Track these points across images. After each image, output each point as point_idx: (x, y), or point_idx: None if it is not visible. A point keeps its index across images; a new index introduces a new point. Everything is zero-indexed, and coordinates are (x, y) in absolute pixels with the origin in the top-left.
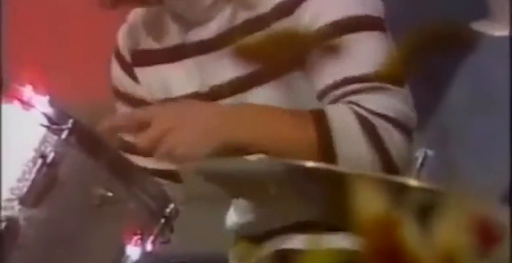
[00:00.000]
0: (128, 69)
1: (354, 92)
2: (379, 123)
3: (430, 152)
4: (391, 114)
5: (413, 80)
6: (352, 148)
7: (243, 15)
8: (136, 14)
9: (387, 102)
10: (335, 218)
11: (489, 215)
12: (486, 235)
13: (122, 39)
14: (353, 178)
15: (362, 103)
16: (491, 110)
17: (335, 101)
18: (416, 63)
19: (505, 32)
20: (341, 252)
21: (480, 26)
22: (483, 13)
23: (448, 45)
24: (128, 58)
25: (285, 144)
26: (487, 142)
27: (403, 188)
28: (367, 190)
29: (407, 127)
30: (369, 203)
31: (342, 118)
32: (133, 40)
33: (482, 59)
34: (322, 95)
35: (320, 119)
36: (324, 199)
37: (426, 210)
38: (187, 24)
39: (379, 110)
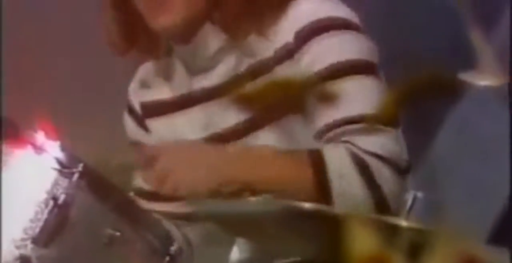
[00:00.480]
0: (139, 120)
1: (350, 133)
2: (372, 162)
3: (419, 194)
4: (384, 153)
5: (403, 124)
6: (347, 187)
7: (247, 61)
8: (144, 69)
9: (380, 142)
10: (331, 257)
11: (476, 254)
12: None
13: (132, 93)
14: (348, 219)
15: (357, 143)
16: (477, 155)
17: (331, 140)
18: (407, 108)
19: (489, 82)
20: None
21: (467, 76)
22: (471, 64)
23: (437, 92)
24: (138, 110)
25: (284, 184)
26: (474, 185)
27: (395, 228)
28: (361, 230)
29: (399, 166)
30: (363, 242)
31: (338, 159)
32: (142, 93)
33: (469, 106)
34: (320, 134)
35: (317, 160)
36: (320, 238)
37: (416, 249)
38: (194, 71)
39: (373, 150)
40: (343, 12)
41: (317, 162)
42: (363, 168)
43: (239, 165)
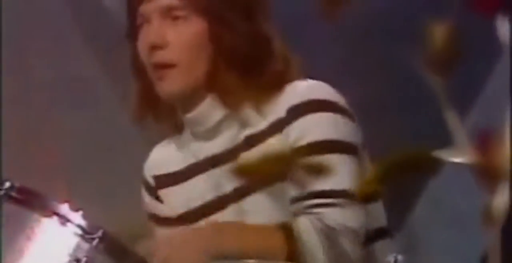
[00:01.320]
0: (153, 193)
1: (317, 206)
2: (339, 233)
3: (400, 257)
4: (348, 224)
5: (386, 196)
6: (313, 253)
7: (244, 133)
8: (158, 149)
9: (343, 215)
10: None
11: None
12: None
13: (146, 169)
14: None
15: (322, 217)
16: (451, 224)
17: (301, 210)
18: (387, 183)
19: (463, 160)
20: None
21: (443, 154)
22: (446, 142)
23: (415, 169)
24: (152, 183)
25: (261, 253)
26: (448, 251)
27: None
28: None
29: (356, 240)
30: None
31: (305, 232)
32: (154, 168)
33: (445, 180)
34: (292, 202)
35: (288, 233)
36: None
37: None
38: (199, 138)
39: (339, 222)
40: (332, 96)
41: (289, 235)
42: (327, 239)
43: (222, 242)
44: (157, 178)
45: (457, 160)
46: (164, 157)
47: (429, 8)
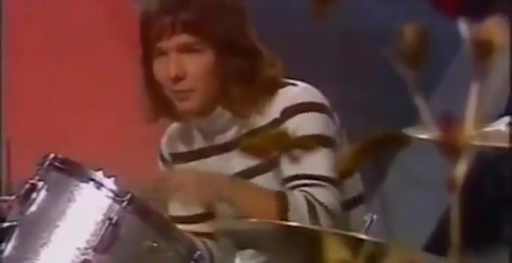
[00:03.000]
0: (167, 165)
1: (305, 185)
2: (318, 206)
3: (375, 216)
4: (326, 203)
5: (363, 168)
6: (299, 220)
7: (247, 127)
8: (171, 128)
9: (324, 195)
10: (309, 262)
11: (419, 260)
12: None
13: (163, 146)
14: (322, 233)
15: (312, 193)
16: (417, 189)
17: (293, 187)
18: (365, 159)
19: (428, 136)
20: None
21: (411, 131)
22: (414, 121)
23: (388, 144)
24: (168, 158)
25: (253, 209)
26: (414, 209)
27: (358, 241)
28: (333, 241)
29: (333, 213)
30: (334, 251)
31: (297, 201)
32: (170, 146)
33: (411, 153)
34: (285, 182)
35: (281, 199)
36: (301, 248)
37: (373, 257)
38: (207, 134)
39: (320, 200)
40: (318, 98)
41: (281, 201)
42: (312, 210)
43: (227, 188)
44: (172, 155)
45: (423, 136)
46: (178, 138)
47: (403, 10)
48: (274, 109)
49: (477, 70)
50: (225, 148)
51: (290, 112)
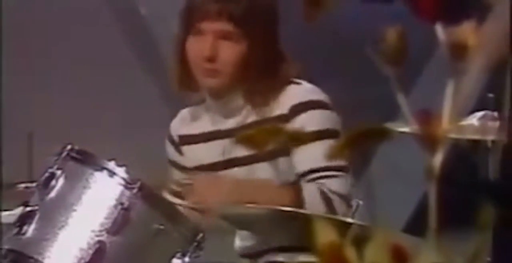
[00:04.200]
0: (176, 146)
1: (321, 177)
2: (334, 197)
3: (361, 202)
4: (341, 192)
5: (349, 159)
6: (315, 210)
7: (252, 117)
8: (183, 112)
9: (339, 185)
10: (303, 244)
11: (400, 241)
12: (398, 255)
13: (173, 128)
14: (314, 218)
15: (326, 184)
16: (397, 178)
17: (309, 180)
18: (352, 150)
19: (408, 130)
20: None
21: (392, 125)
22: (396, 116)
23: (373, 137)
24: (177, 140)
25: (272, 203)
26: (395, 197)
27: (345, 224)
28: (322, 225)
29: (348, 199)
30: (323, 234)
31: (311, 194)
32: (180, 128)
33: (393, 145)
34: (302, 175)
35: (297, 193)
36: (295, 230)
37: (360, 238)
38: (217, 117)
39: (335, 190)
40: (321, 96)
41: (297, 195)
42: (327, 201)
43: (245, 193)
44: (181, 137)
45: (404, 129)
46: (189, 121)
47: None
48: (281, 105)
49: (452, 70)
50: (230, 133)
51: (299, 109)
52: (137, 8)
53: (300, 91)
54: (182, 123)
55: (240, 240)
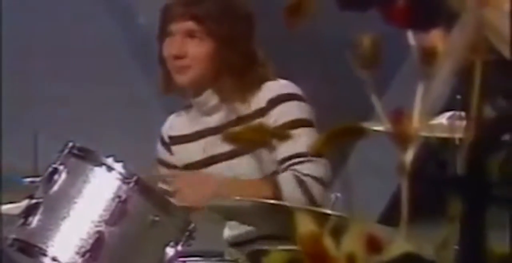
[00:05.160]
0: (166, 146)
1: (296, 163)
2: (306, 179)
3: (339, 195)
4: (314, 174)
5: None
6: (293, 197)
7: (233, 115)
8: (173, 116)
9: (314, 168)
10: (286, 233)
11: (374, 231)
12: (372, 244)
13: (164, 130)
14: (296, 210)
15: (298, 169)
16: (373, 172)
17: (285, 168)
18: (330, 146)
19: (382, 128)
20: (289, 251)
21: (368, 124)
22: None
23: (350, 134)
24: (167, 140)
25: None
26: (371, 190)
27: (324, 216)
28: (302, 217)
29: (324, 182)
30: (304, 225)
31: (286, 181)
32: (170, 130)
33: (368, 142)
34: (279, 163)
35: (274, 184)
36: (279, 221)
37: (337, 229)
38: (203, 114)
39: (308, 173)
40: (297, 89)
41: (275, 188)
42: (301, 183)
43: (227, 190)
44: (171, 137)
45: (378, 128)
46: (178, 123)
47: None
48: (260, 100)
49: (423, 73)
50: (215, 131)
51: (275, 101)
52: (137, 12)
53: (276, 86)
54: (172, 125)
55: (229, 230)
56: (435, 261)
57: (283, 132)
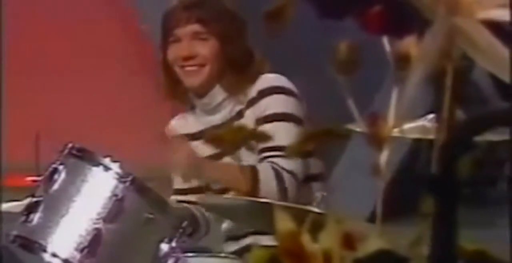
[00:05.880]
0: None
1: (273, 156)
2: (284, 174)
3: (325, 194)
4: (290, 169)
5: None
6: (268, 187)
7: (236, 109)
8: (177, 117)
9: (290, 163)
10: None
11: (350, 228)
12: (348, 241)
13: (172, 128)
14: (277, 207)
15: (277, 162)
16: (361, 172)
17: (263, 159)
18: (309, 146)
19: (357, 129)
20: (272, 247)
21: (351, 126)
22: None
23: (327, 136)
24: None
25: (232, 182)
26: (359, 189)
27: (305, 213)
28: (281, 214)
29: (298, 178)
30: (283, 222)
31: (265, 172)
32: (178, 129)
33: (355, 143)
34: (258, 153)
35: (253, 172)
36: (266, 218)
37: (316, 226)
38: (207, 114)
39: (286, 167)
40: (288, 84)
41: (253, 173)
42: (279, 177)
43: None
44: (177, 136)
45: (358, 129)
46: (183, 123)
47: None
48: (253, 90)
49: (397, 77)
50: (216, 130)
51: (264, 92)
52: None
53: (268, 78)
54: (179, 124)
55: (226, 223)
56: (409, 257)
57: (263, 133)
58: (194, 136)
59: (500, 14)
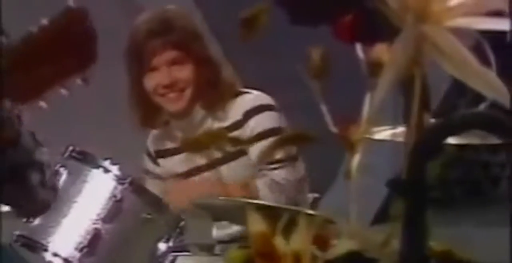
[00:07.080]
0: (153, 159)
1: (271, 169)
2: (282, 185)
3: (316, 195)
4: (289, 178)
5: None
6: (265, 198)
7: (214, 125)
8: (153, 132)
9: (285, 173)
10: None
11: (322, 230)
12: (320, 242)
13: (149, 144)
14: (247, 209)
15: (275, 175)
16: (370, 176)
17: (261, 172)
18: (280, 150)
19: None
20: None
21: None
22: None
23: (297, 141)
24: (153, 153)
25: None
26: (368, 193)
27: (299, 215)
28: (253, 216)
29: (297, 185)
30: (255, 224)
31: (262, 187)
32: (154, 145)
33: (368, 148)
34: (255, 165)
35: (247, 190)
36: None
37: (289, 227)
38: (185, 132)
39: (284, 177)
40: (268, 101)
41: (253, 189)
42: (275, 188)
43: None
44: (156, 151)
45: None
46: (159, 139)
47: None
48: (236, 113)
49: (369, 83)
50: None
51: (249, 114)
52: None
53: (251, 98)
54: (154, 140)
55: (218, 229)
56: (378, 259)
57: (238, 138)
58: (173, 151)
59: (467, 22)
